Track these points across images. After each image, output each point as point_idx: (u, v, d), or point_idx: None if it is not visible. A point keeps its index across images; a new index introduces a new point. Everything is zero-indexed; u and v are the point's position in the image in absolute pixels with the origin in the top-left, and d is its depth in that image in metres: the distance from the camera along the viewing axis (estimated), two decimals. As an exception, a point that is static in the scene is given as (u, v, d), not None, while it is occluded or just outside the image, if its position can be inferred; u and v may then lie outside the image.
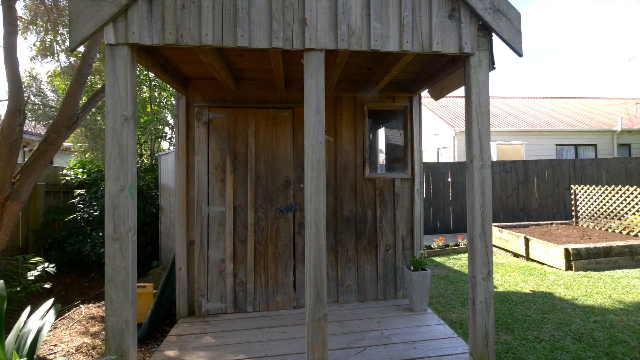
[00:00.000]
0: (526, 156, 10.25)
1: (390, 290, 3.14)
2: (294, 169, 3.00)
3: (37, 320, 1.50)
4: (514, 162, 7.97)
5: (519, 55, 2.14)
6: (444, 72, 2.66)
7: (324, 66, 2.00)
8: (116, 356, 1.66)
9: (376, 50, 2.03)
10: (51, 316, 1.51)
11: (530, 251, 5.42)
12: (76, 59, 6.47)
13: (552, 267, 4.97)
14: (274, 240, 2.89)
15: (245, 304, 2.81)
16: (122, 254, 1.70)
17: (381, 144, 3.80)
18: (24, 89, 3.17)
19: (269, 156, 2.98)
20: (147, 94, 7.02)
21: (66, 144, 9.13)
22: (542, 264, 5.18)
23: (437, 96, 2.96)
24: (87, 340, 2.86)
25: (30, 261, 3.18)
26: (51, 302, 1.67)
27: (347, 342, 2.33)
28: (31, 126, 10.82)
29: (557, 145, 11.07)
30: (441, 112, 12.29)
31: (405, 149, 3.28)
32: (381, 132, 3.71)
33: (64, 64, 6.60)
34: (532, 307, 3.49)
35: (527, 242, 5.46)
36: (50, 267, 3.15)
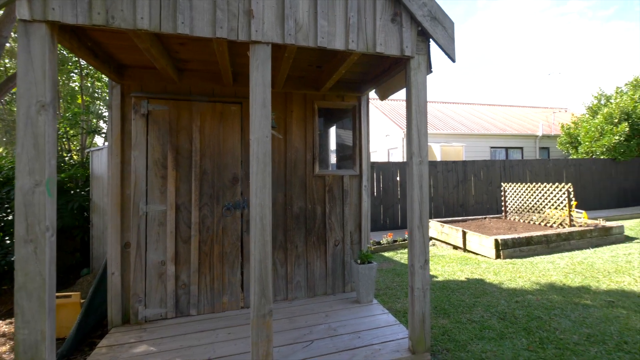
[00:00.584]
0: (466, 157, 11.20)
1: (339, 284, 3.21)
2: (242, 165, 2.92)
3: None
4: (454, 163, 8.65)
5: (452, 60, 2.33)
6: (388, 73, 2.79)
7: (270, 60, 1.97)
8: (29, 373, 1.47)
9: (323, 47, 2.07)
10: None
11: (467, 243, 5.93)
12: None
13: (485, 256, 5.49)
14: (221, 239, 2.79)
15: (188, 308, 2.67)
16: (37, 258, 1.51)
17: (332, 142, 3.87)
18: None
19: (215, 152, 2.87)
20: (77, 83, 6.32)
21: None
22: (477, 254, 5.70)
23: (382, 96, 3.10)
24: (-3, 360, 2.49)
25: None
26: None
27: (295, 337, 2.33)
28: None
29: (491, 147, 12.28)
30: (392, 115, 12.90)
31: (354, 147, 3.38)
32: (332, 130, 3.78)
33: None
34: (466, 292, 3.82)
35: (464, 235, 5.97)
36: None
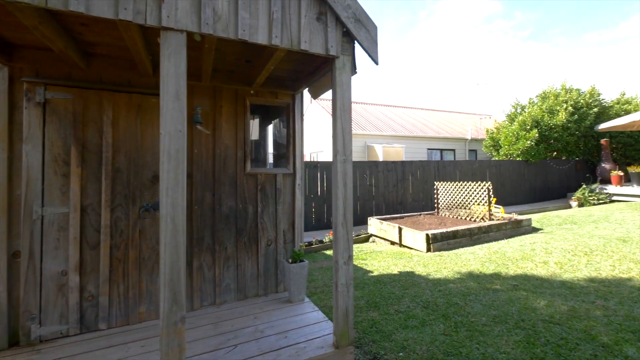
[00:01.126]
0: (405, 157, 11.92)
1: (271, 284, 3.15)
2: (164, 162, 2.70)
3: None
4: (394, 163, 9.13)
5: (376, 63, 2.42)
6: (318, 72, 2.81)
7: (185, 49, 1.84)
8: None
9: (244, 40, 1.99)
10: None
11: (402, 238, 6.29)
12: None
13: (418, 250, 5.88)
14: (137, 243, 2.55)
15: (96, 322, 2.38)
16: None
17: (267, 140, 3.80)
18: None
19: (132, 148, 2.61)
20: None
21: None
22: (411, 248, 6.07)
23: (314, 95, 3.11)
24: None
25: None
26: None
27: (218, 343, 2.22)
28: None
29: (428, 149, 13.24)
30: (337, 115, 13.21)
31: (287, 146, 3.35)
32: (265, 128, 3.71)
33: None
34: (397, 285, 4.04)
35: (400, 231, 6.33)
36: None
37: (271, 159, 4.21)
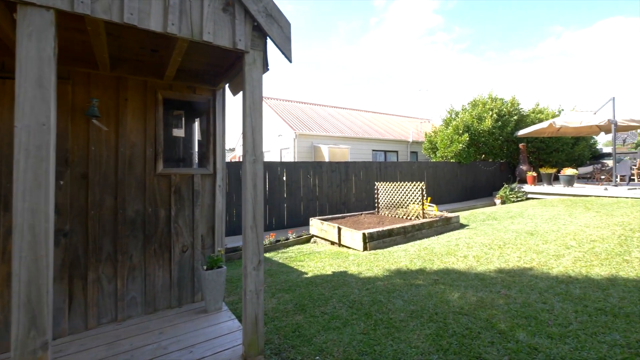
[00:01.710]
0: (351, 158, 12.20)
1: (187, 294, 2.93)
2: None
3: None
4: (337, 163, 9.26)
5: (289, 61, 2.35)
6: (235, 68, 2.66)
7: (54, 29, 1.59)
8: None
9: (132, 25, 1.78)
10: None
11: (341, 238, 6.37)
12: None
13: (355, 249, 5.99)
14: (10, 257, 2.17)
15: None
16: None
17: (190, 138, 3.54)
18: None
19: (4, 142, 2.22)
20: None
21: None
22: (349, 247, 6.18)
23: (234, 91, 2.96)
24: None
25: None
26: None
27: (108, 366, 1.96)
28: None
29: (373, 150, 13.73)
30: (285, 115, 13.07)
31: (207, 144, 3.14)
32: (190, 125, 3.46)
33: None
34: (327, 286, 4.04)
35: (339, 231, 6.40)
36: None
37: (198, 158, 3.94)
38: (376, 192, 8.42)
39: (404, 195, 7.80)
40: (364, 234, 5.84)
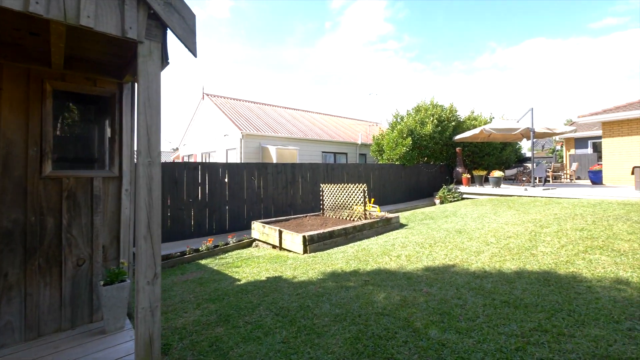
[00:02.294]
0: (300, 159, 12.15)
1: (83, 314, 2.58)
2: None
3: None
4: (284, 165, 9.13)
5: (194, 55, 2.17)
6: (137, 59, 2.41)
7: None
8: None
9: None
10: None
11: (282, 241, 6.25)
12: None
13: (296, 252, 5.91)
14: None
15: None
16: None
17: (101, 136, 3.15)
18: None
19: None
20: None
21: None
22: (290, 251, 6.08)
23: (142, 86, 2.69)
24: None
25: None
26: None
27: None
28: None
29: (323, 152, 13.82)
30: (231, 113, 12.60)
31: (112, 143, 2.82)
32: (101, 121, 3.08)
33: None
34: (258, 292, 3.89)
35: (280, 234, 6.27)
36: None
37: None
38: (321, 193, 8.44)
39: (347, 197, 7.91)
40: (304, 237, 5.78)
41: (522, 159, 17.39)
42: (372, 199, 9.95)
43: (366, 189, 7.60)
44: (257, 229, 6.91)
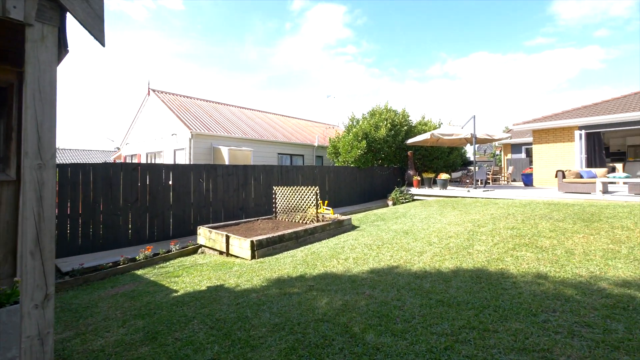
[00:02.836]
0: (254, 161, 11.82)
1: (-37, 344, 2.16)
2: None
3: None
4: (235, 166, 8.79)
5: (102, 44, 1.92)
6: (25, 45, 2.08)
7: None
8: None
9: None
10: None
11: (230, 247, 5.97)
12: None
13: (243, 258, 5.68)
14: None
15: None
16: None
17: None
18: None
19: None
20: None
21: None
22: (237, 257, 5.82)
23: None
24: None
25: None
26: None
27: None
28: None
29: (279, 153, 13.62)
30: (181, 112, 11.89)
31: (7, 141, 2.42)
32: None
33: None
34: (195, 304, 3.63)
35: (227, 239, 5.99)
36: None
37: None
38: (274, 196, 8.26)
39: (300, 199, 7.83)
40: (252, 242, 5.58)
41: (466, 162, 18.71)
42: (326, 202, 9.99)
43: (318, 192, 7.58)
44: (203, 234, 6.54)
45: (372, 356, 2.40)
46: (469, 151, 20.33)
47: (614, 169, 12.27)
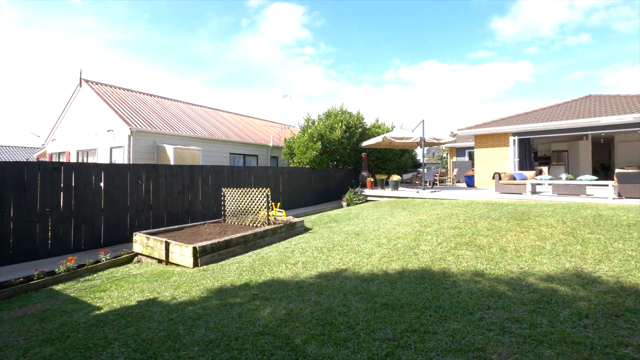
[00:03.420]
0: (203, 161, 11.16)
1: None
2: None
3: None
4: (180, 167, 8.18)
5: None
6: None
7: None
8: None
9: None
10: None
11: (170, 255, 5.48)
12: None
13: (184, 266, 5.24)
14: None
15: None
16: None
17: None
18: None
19: None
20: None
21: None
22: (178, 265, 5.37)
23: None
24: None
25: None
26: None
27: None
28: None
29: (231, 153, 13.05)
30: (119, 106, 10.82)
31: None
32: None
33: None
34: (120, 323, 3.20)
35: (167, 246, 5.50)
36: None
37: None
38: (223, 198, 7.83)
39: (251, 201, 7.51)
40: (195, 248, 5.17)
41: (417, 164, 19.68)
42: (279, 203, 9.75)
43: (270, 194, 7.33)
44: (140, 241, 5.94)
45: (312, 370, 2.26)
46: (419, 153, 21.42)
47: (541, 172, 13.70)
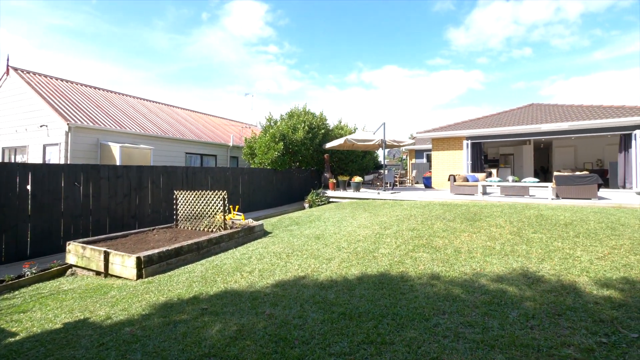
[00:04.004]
0: (154, 162, 10.36)
1: None
2: None
3: None
4: (126, 167, 7.47)
5: None
6: None
7: None
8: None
9: None
10: None
11: (110, 266, 4.92)
12: None
13: (126, 278, 4.73)
14: None
15: None
16: None
17: None
18: None
19: None
20: None
21: None
22: (119, 277, 4.83)
23: None
24: None
25: None
26: None
27: None
28: None
29: (187, 153, 12.28)
30: (55, 99, 9.66)
31: None
32: None
33: None
34: (36, 353, 2.73)
35: (106, 256, 4.93)
36: None
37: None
38: (175, 202, 7.28)
39: (206, 205, 7.05)
40: (139, 258, 4.68)
41: (378, 166, 20.14)
42: (237, 207, 9.33)
43: (227, 196, 6.94)
44: (75, 251, 5.27)
45: (260, 397, 2.05)
46: (381, 155, 21.94)
47: (490, 174, 14.66)
